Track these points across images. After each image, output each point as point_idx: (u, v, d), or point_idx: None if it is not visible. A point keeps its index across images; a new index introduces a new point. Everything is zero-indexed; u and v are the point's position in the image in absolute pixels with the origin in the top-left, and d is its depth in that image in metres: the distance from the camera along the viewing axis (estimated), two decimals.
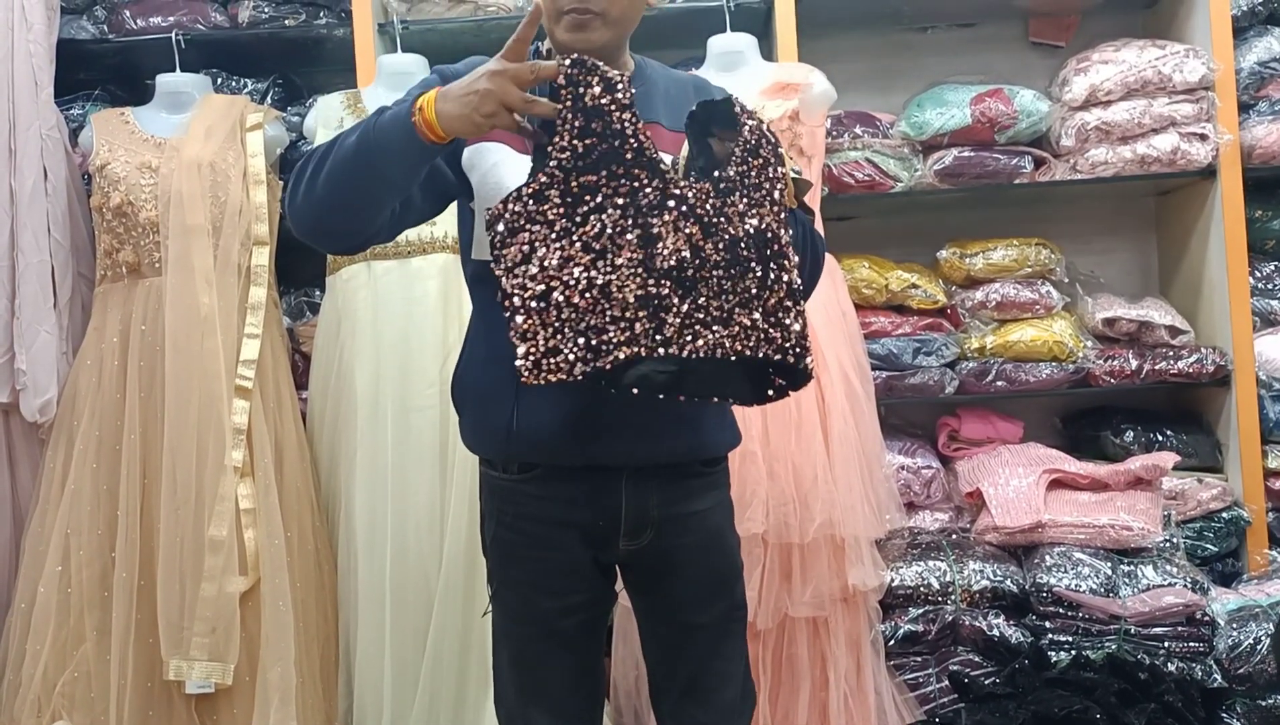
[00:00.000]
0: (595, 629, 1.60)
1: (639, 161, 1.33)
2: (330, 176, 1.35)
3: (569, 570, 1.53)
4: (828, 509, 2.17)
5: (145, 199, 2.32)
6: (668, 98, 1.58)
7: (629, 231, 1.32)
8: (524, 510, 1.54)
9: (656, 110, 1.55)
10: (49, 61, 2.44)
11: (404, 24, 2.58)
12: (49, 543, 2.24)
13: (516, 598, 1.56)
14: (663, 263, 1.32)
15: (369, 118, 1.36)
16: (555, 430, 1.47)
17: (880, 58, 2.94)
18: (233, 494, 2.23)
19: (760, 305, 1.37)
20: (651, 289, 1.32)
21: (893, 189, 2.64)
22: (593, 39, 1.47)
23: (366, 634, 2.26)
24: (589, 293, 1.31)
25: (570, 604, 1.54)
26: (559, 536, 1.52)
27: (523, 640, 1.57)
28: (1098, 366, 2.62)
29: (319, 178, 1.36)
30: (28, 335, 2.31)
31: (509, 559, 1.57)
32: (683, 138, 1.48)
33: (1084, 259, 2.85)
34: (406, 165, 1.35)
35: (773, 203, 1.40)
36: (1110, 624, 2.30)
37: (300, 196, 1.39)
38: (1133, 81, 2.58)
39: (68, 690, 2.19)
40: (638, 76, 1.57)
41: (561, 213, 1.31)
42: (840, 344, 2.31)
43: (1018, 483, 2.49)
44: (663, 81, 1.60)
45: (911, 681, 2.35)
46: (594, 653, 1.60)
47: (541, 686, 1.56)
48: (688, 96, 1.58)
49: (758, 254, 1.37)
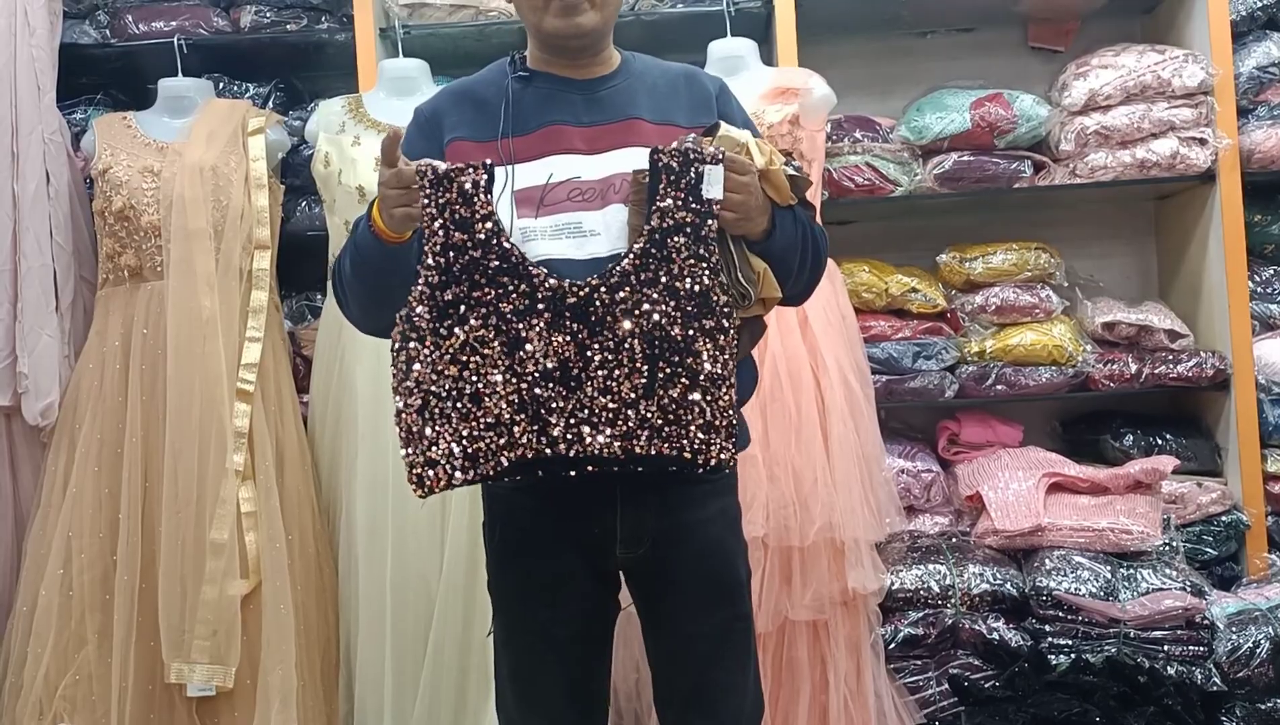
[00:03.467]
0: (594, 639, 1.58)
1: (504, 270, 1.37)
2: (355, 294, 1.52)
3: (565, 580, 1.53)
4: (827, 512, 2.18)
5: (147, 203, 2.33)
6: (654, 91, 1.58)
7: (493, 341, 1.36)
8: (519, 519, 1.55)
9: (639, 104, 1.55)
10: (51, 66, 2.44)
11: (405, 29, 2.58)
12: (50, 545, 2.24)
13: (514, 605, 1.57)
14: (536, 367, 1.36)
15: (352, 235, 1.49)
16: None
17: (880, 62, 2.95)
18: (234, 497, 2.23)
19: (654, 402, 1.38)
20: (527, 393, 1.36)
21: (892, 193, 2.65)
22: (583, 23, 1.50)
23: (367, 637, 2.26)
24: (460, 402, 1.36)
25: (567, 613, 1.53)
26: (554, 546, 1.52)
27: (520, 648, 1.57)
28: (1097, 370, 2.63)
29: (349, 296, 1.53)
30: (30, 339, 2.31)
31: (506, 567, 1.57)
32: (668, 131, 1.51)
33: (1083, 263, 2.86)
34: (393, 262, 1.44)
35: (709, 266, 1.40)
36: (1110, 627, 2.30)
37: (351, 312, 1.56)
38: (1132, 86, 2.59)
39: (69, 693, 2.19)
40: (622, 71, 1.59)
41: (430, 326, 1.37)
42: (840, 347, 2.31)
43: (1017, 486, 2.49)
44: (650, 75, 1.60)
45: (911, 685, 2.35)
46: (594, 663, 1.59)
47: (540, 695, 1.56)
48: (678, 87, 1.59)
49: (647, 350, 1.37)
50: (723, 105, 1.60)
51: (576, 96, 1.55)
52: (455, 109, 1.58)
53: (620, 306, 1.37)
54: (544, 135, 1.53)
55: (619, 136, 1.52)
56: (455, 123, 1.56)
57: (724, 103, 1.61)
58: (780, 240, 1.49)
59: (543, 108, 1.54)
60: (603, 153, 1.51)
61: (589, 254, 1.45)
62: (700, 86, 1.61)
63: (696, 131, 1.50)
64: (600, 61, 1.58)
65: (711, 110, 1.58)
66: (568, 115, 1.54)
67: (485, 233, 1.37)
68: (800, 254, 1.53)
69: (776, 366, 2.23)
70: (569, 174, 1.50)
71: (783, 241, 1.49)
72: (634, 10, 2.59)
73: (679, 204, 1.39)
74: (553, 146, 1.52)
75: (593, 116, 1.54)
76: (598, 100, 1.55)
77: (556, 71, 1.57)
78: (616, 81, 1.58)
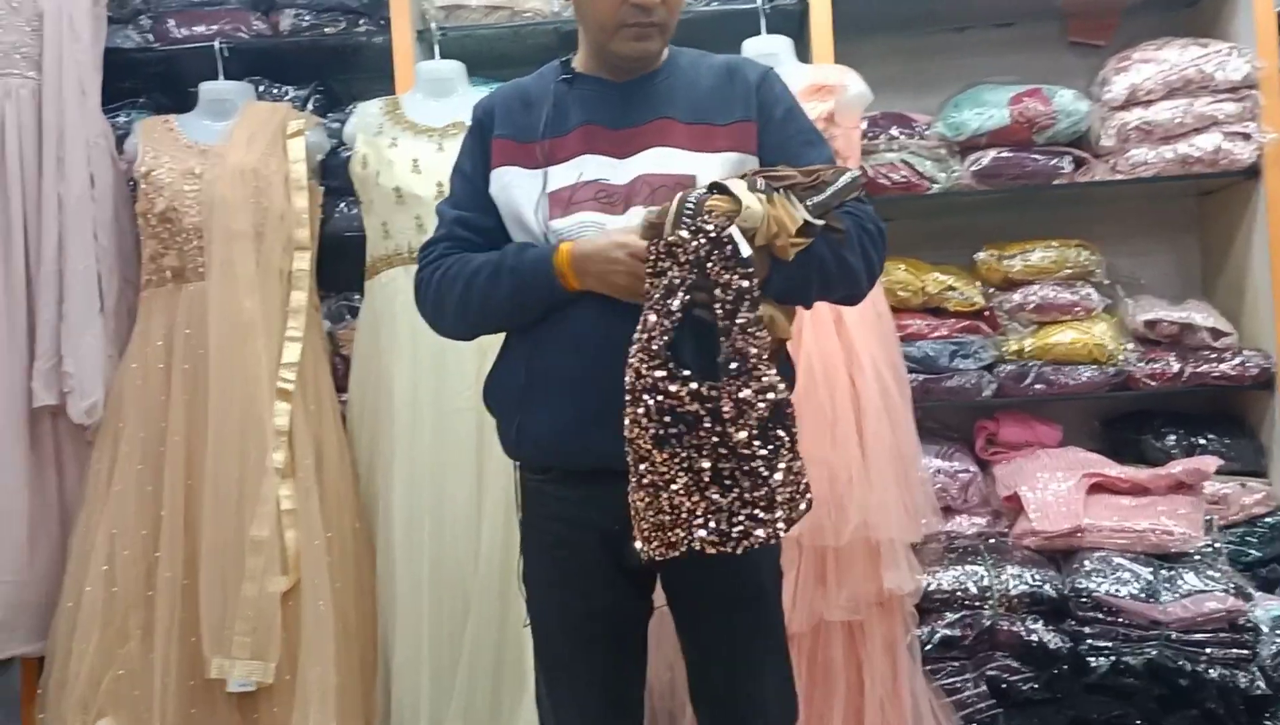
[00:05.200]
0: (625, 635, 1.59)
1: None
2: (485, 313, 1.55)
3: (591, 572, 1.54)
4: (863, 512, 2.17)
5: (189, 205, 2.36)
6: (693, 89, 1.58)
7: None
8: (548, 509, 1.57)
9: (674, 104, 1.56)
10: (96, 71, 2.49)
11: (442, 31, 2.60)
12: (95, 543, 2.28)
13: (544, 596, 1.59)
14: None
15: (510, 273, 1.51)
16: (557, 433, 1.50)
17: (917, 59, 2.92)
18: (274, 495, 2.26)
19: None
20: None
21: (929, 190, 2.63)
22: (651, 49, 1.55)
23: (404, 634, 2.28)
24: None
25: (596, 607, 1.55)
26: (579, 537, 1.54)
27: (552, 640, 1.59)
28: (1138, 369, 2.59)
29: (469, 311, 1.55)
30: (75, 339, 2.35)
31: (537, 557, 1.60)
32: (700, 131, 1.52)
33: (1124, 260, 2.82)
34: (546, 303, 1.50)
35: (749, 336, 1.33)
36: (1151, 630, 2.27)
37: (450, 320, 1.60)
38: (1174, 80, 2.55)
39: (112, 688, 2.22)
40: (663, 70, 1.60)
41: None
42: (875, 346, 2.30)
43: (1057, 487, 2.46)
44: (693, 72, 1.60)
45: (948, 687, 2.33)
46: (625, 658, 1.60)
47: (571, 688, 1.58)
48: (719, 83, 1.59)
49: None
50: (764, 95, 1.58)
51: (614, 97, 1.58)
52: (505, 107, 1.62)
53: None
54: (579, 136, 1.56)
55: (649, 137, 1.54)
56: (502, 121, 1.61)
57: (765, 92, 1.59)
58: (780, 286, 1.41)
59: (582, 109, 1.57)
60: (632, 155, 1.54)
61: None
62: (741, 79, 1.59)
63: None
64: (657, 67, 1.60)
65: (750, 103, 1.57)
66: (603, 116, 1.56)
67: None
68: (820, 284, 1.47)
69: (811, 365, 2.22)
70: (597, 174, 1.53)
71: (784, 286, 1.42)
72: None
73: (731, 273, 1.32)
74: (585, 147, 1.55)
75: (627, 118, 1.55)
76: (633, 101, 1.57)
77: (601, 75, 1.60)
78: (656, 81, 1.59)
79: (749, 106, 1.57)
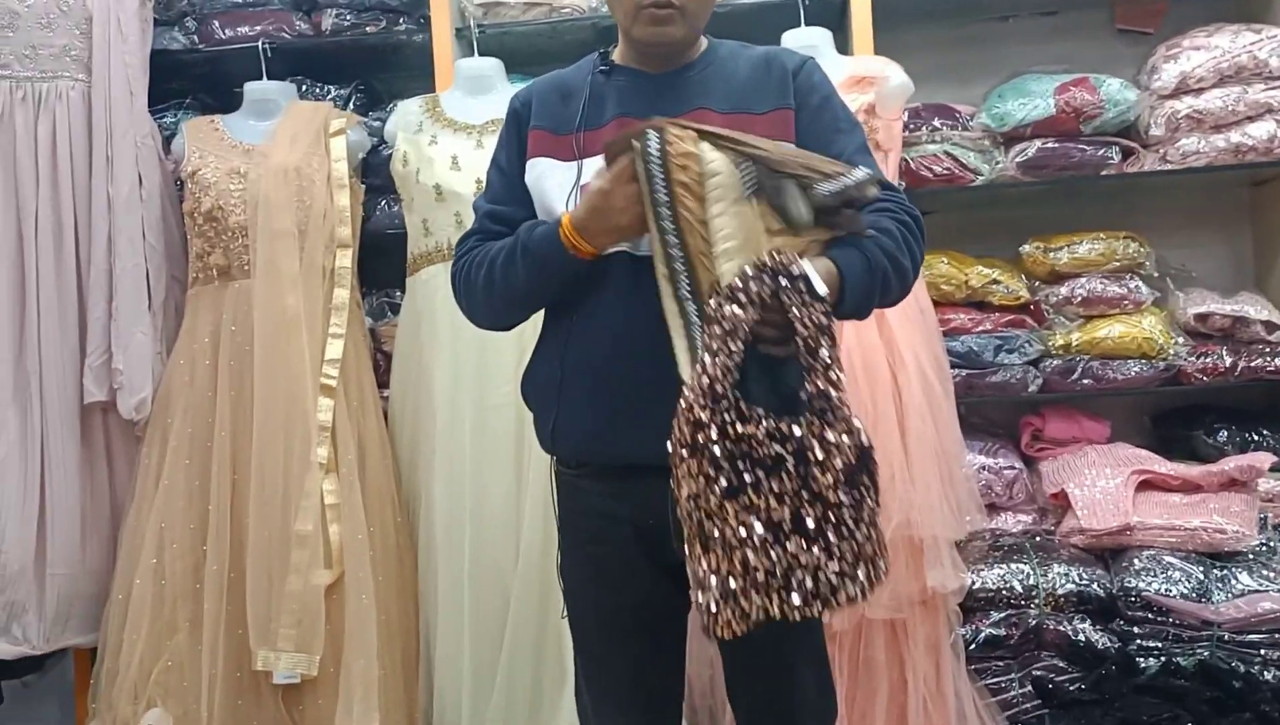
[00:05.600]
0: (660, 631, 1.58)
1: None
2: (510, 296, 1.54)
3: (625, 567, 1.53)
4: (905, 509, 2.14)
5: (234, 204, 2.40)
6: (731, 79, 1.56)
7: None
8: (583, 504, 1.57)
9: (711, 94, 1.54)
10: (143, 72, 2.53)
11: (480, 28, 2.61)
12: (144, 536, 2.32)
13: (579, 591, 1.59)
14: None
15: (523, 253, 1.49)
16: (591, 429, 1.50)
17: (959, 49, 2.88)
18: (318, 490, 2.28)
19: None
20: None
21: (973, 182, 2.59)
22: (672, 33, 1.51)
23: (446, 628, 2.30)
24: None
25: (630, 602, 1.54)
26: (613, 531, 1.53)
27: (588, 634, 1.60)
28: (1189, 364, 2.54)
29: (494, 296, 1.55)
30: (124, 336, 2.39)
31: (572, 550, 1.60)
32: (737, 119, 1.48)
33: (1174, 252, 2.76)
34: (562, 278, 1.49)
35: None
36: (1202, 630, 2.23)
37: (481, 309, 1.61)
38: (1226, 68, 2.49)
39: (162, 679, 2.26)
40: (700, 61, 1.58)
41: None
42: (918, 341, 2.27)
43: (1105, 484, 2.42)
44: (731, 62, 1.58)
45: (993, 686, 2.31)
46: (660, 654, 1.59)
47: (608, 681, 1.58)
48: (757, 73, 1.56)
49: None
50: (801, 82, 1.55)
51: (650, 89, 1.57)
52: (542, 99, 1.62)
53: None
54: (615, 128, 1.55)
55: None
56: (539, 112, 1.61)
57: (803, 79, 1.56)
58: (850, 304, 1.39)
59: (618, 101, 1.57)
60: None
61: (639, 250, 1.46)
62: (778, 67, 1.57)
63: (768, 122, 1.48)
64: (683, 56, 1.58)
65: (786, 90, 1.54)
66: (638, 108, 1.55)
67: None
68: (881, 295, 1.43)
69: (852, 361, 2.20)
70: None
71: (852, 303, 1.39)
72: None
73: (808, 309, 1.26)
74: None
75: (662, 109, 1.53)
76: (670, 92, 1.55)
77: (637, 66, 1.59)
78: (692, 72, 1.57)
79: (785, 93, 1.54)
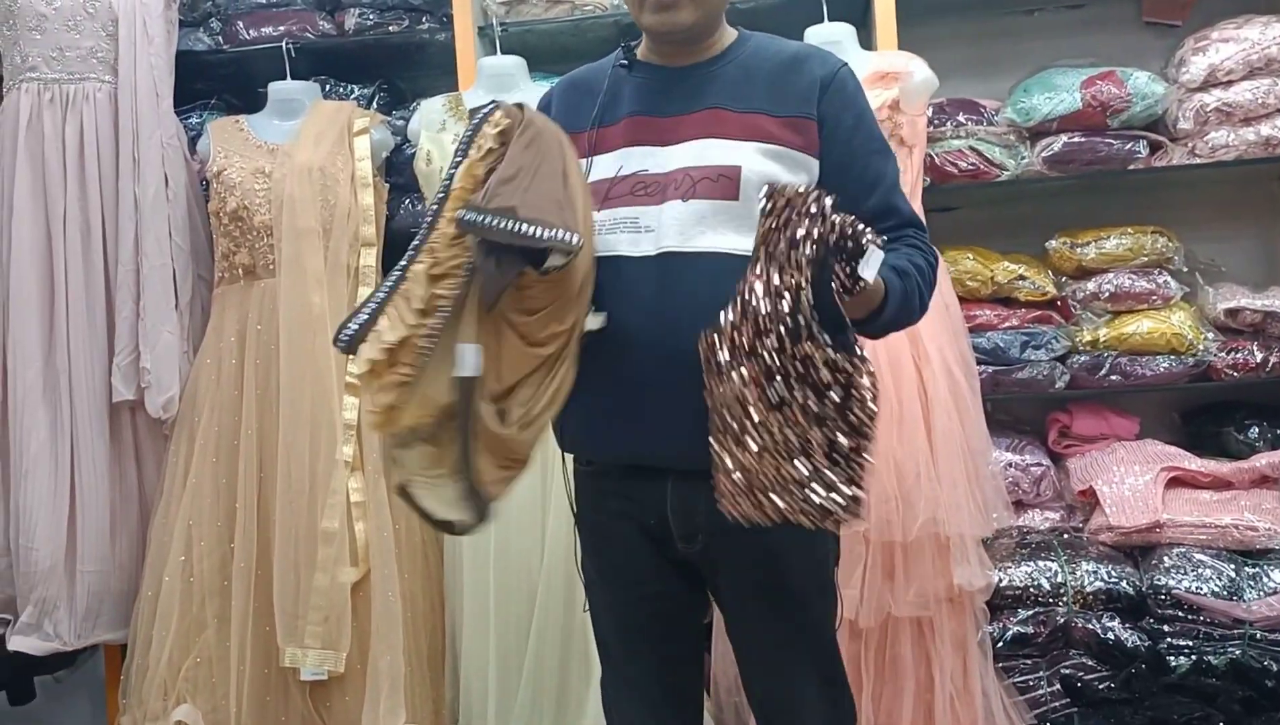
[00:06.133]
0: (675, 624, 1.59)
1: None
2: None
3: (637, 561, 1.54)
4: (931, 507, 2.13)
5: (259, 203, 2.41)
6: (752, 77, 1.51)
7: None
8: (595, 500, 1.59)
9: (728, 92, 1.50)
10: (169, 73, 2.54)
11: (503, 26, 2.61)
12: (173, 534, 2.34)
13: (595, 585, 1.61)
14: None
15: None
16: (595, 428, 1.51)
17: (984, 43, 2.86)
18: (344, 487, 2.30)
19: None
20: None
21: (998, 178, 2.57)
22: (680, 19, 1.47)
23: (472, 624, 2.31)
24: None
25: (643, 594, 1.55)
26: (622, 527, 1.54)
27: (606, 628, 1.61)
28: (1219, 359, 2.51)
29: None
30: (151, 336, 2.41)
31: (589, 545, 1.61)
32: (751, 120, 1.45)
33: (1204, 247, 2.72)
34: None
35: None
36: (1234, 628, 2.20)
37: None
38: (1256, 60, 2.46)
39: (190, 675, 2.29)
40: (724, 56, 1.54)
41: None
42: (943, 337, 2.26)
43: (1134, 481, 2.40)
44: (757, 58, 1.53)
45: (1021, 684, 2.29)
46: (678, 648, 1.60)
47: (628, 674, 1.59)
48: (785, 68, 1.51)
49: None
50: (832, 97, 1.48)
51: (667, 83, 1.54)
52: (563, 100, 1.62)
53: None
54: (627, 126, 1.53)
55: (695, 127, 1.49)
56: (560, 111, 1.60)
57: (835, 93, 1.49)
58: (881, 323, 1.41)
59: (633, 97, 1.55)
60: (676, 144, 1.49)
61: (641, 251, 1.45)
62: (807, 73, 1.50)
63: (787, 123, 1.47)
64: (705, 48, 1.54)
65: (812, 100, 1.48)
66: (653, 105, 1.53)
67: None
68: (897, 324, 1.46)
69: (877, 357, 2.19)
70: (638, 166, 1.50)
71: (883, 322, 1.42)
72: None
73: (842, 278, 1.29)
74: (631, 138, 1.52)
75: (676, 106, 1.51)
76: (686, 88, 1.52)
77: (657, 61, 1.57)
78: (713, 67, 1.53)
79: (810, 103, 1.48)
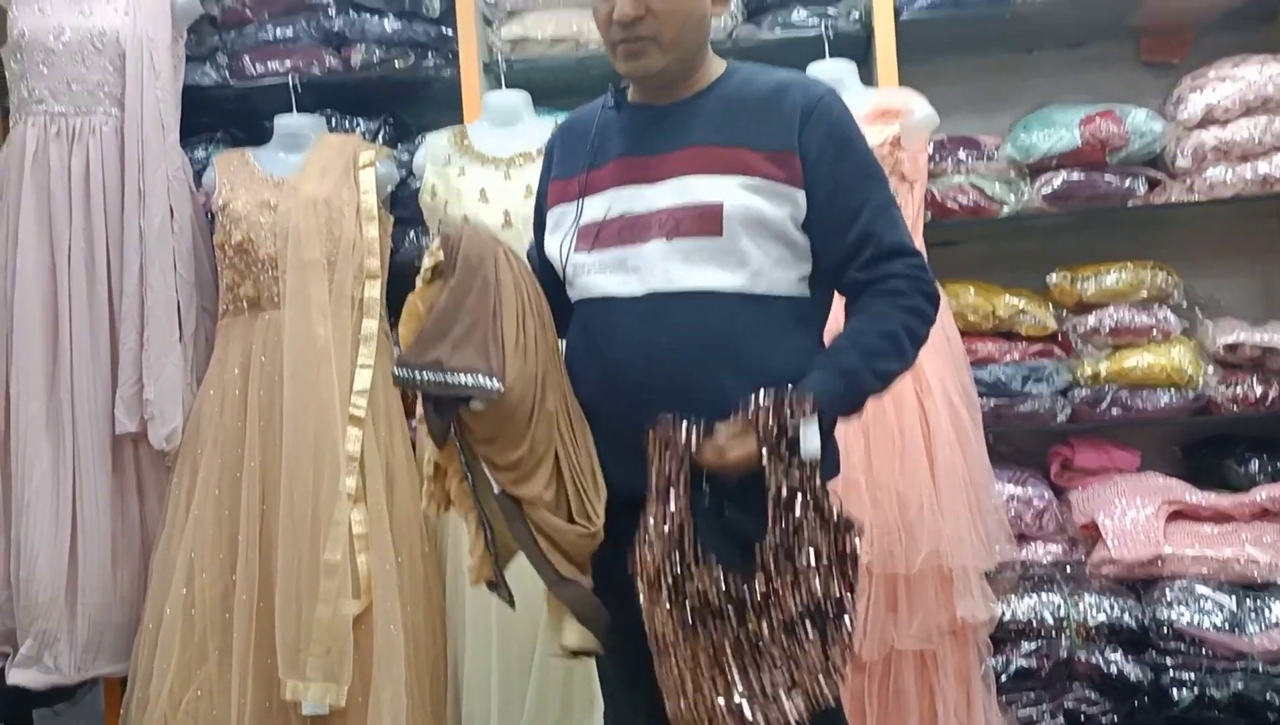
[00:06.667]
0: None
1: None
2: None
3: (623, 589, 1.48)
4: (934, 539, 2.13)
5: (264, 236, 2.42)
6: (736, 111, 1.49)
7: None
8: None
9: (710, 128, 1.48)
10: (175, 107, 2.56)
11: (508, 62, 2.64)
12: (175, 565, 2.33)
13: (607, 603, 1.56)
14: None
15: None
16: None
17: (984, 80, 2.90)
18: (346, 519, 2.29)
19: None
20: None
21: (999, 214, 2.59)
22: (649, 65, 1.47)
23: (474, 657, 2.30)
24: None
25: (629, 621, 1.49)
26: (607, 555, 1.52)
27: (607, 661, 1.61)
28: (1219, 393, 2.53)
29: None
30: (155, 367, 2.41)
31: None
32: (733, 154, 1.44)
33: (1203, 282, 2.75)
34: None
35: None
36: (1236, 661, 2.20)
37: None
38: (1253, 99, 2.50)
39: (191, 708, 2.26)
40: (707, 91, 1.52)
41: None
42: (945, 370, 2.27)
43: (1135, 514, 2.40)
44: (740, 89, 1.51)
45: (1024, 718, 2.29)
46: None
47: (629, 700, 1.58)
48: (767, 99, 1.48)
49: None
50: (814, 128, 1.45)
51: (653, 122, 1.54)
52: (563, 144, 1.64)
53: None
54: (615, 167, 1.54)
55: (676, 165, 1.48)
56: (558, 159, 1.62)
57: (816, 123, 1.45)
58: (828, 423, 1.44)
59: (622, 138, 1.55)
60: (659, 182, 1.49)
61: (629, 292, 1.47)
62: (789, 103, 1.47)
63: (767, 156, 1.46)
64: (689, 85, 1.53)
65: (792, 132, 1.45)
66: (640, 144, 1.53)
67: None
68: (871, 397, 1.51)
69: None
70: (625, 207, 1.50)
71: (860, 405, 1.50)
72: (731, 37, 2.61)
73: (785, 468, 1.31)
74: (619, 178, 1.52)
75: (660, 144, 1.51)
76: (669, 125, 1.52)
77: (642, 100, 1.57)
78: (698, 102, 1.52)
79: (791, 135, 1.45)
